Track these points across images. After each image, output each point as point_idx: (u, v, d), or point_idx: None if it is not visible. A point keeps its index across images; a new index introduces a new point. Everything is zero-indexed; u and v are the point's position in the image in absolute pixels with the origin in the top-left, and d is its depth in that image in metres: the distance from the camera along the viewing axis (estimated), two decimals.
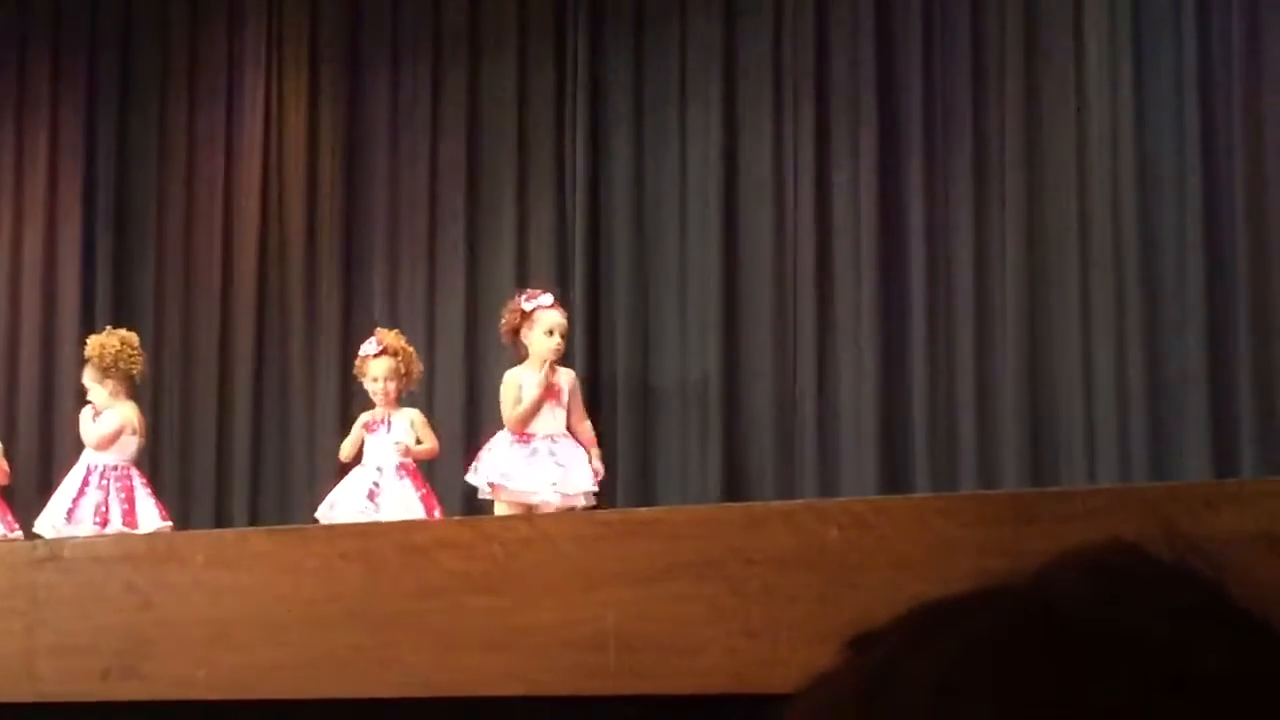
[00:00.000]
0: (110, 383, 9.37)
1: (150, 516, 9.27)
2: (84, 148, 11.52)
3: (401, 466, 8.96)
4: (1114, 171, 9.25)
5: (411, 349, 9.31)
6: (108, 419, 9.32)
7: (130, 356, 9.46)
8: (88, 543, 6.38)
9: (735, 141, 10.15)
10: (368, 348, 9.24)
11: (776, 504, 6.05)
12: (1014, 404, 9.26)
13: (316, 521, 8.73)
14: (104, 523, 9.08)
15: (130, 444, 9.36)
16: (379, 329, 9.45)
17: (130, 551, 5.20)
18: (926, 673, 0.70)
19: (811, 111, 9.96)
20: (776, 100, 10.08)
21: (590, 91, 10.47)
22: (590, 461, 8.75)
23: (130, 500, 9.25)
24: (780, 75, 10.09)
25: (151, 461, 10.89)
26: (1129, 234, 9.16)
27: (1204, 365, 8.89)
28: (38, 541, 7.00)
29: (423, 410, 9.49)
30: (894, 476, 9.42)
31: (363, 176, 11.04)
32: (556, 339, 8.89)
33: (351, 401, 10.10)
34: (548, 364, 8.79)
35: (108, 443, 9.25)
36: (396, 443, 8.97)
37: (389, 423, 9.04)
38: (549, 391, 8.78)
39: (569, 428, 8.86)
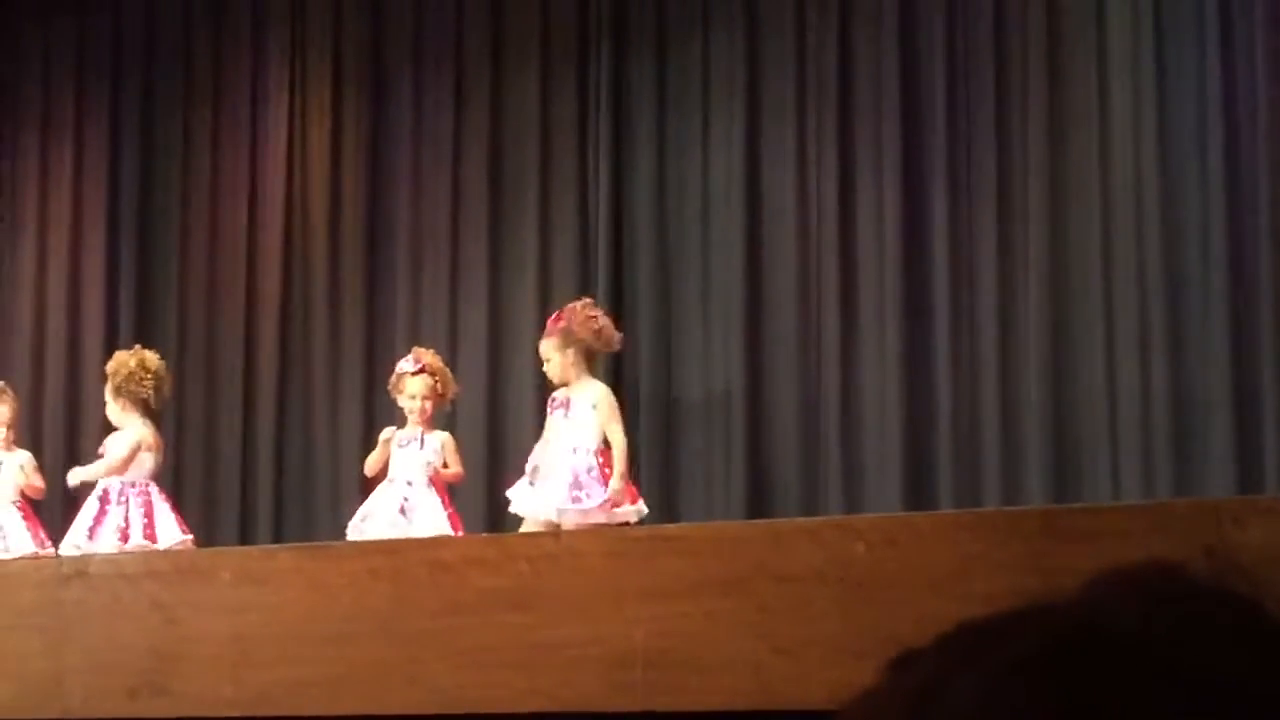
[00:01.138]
0: (122, 401, 9.39)
1: (170, 529, 9.28)
2: (108, 165, 11.55)
3: (432, 482, 8.97)
4: (1137, 186, 9.23)
5: (448, 370, 9.30)
6: (120, 441, 9.34)
7: (142, 379, 9.45)
8: (113, 560, 6.39)
9: (758, 154, 10.14)
10: (405, 365, 9.23)
11: (803, 520, 6.05)
12: (1038, 418, 9.24)
13: (344, 537, 8.73)
14: (124, 539, 9.09)
15: (146, 460, 9.37)
16: (417, 348, 9.43)
17: (156, 568, 5.21)
18: (971, 693, 0.70)
19: (834, 125, 9.95)
20: (799, 113, 10.08)
21: (613, 105, 10.47)
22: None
23: (150, 515, 9.26)
24: (803, 88, 10.09)
25: (175, 477, 10.91)
26: (1152, 248, 9.14)
27: (1228, 380, 8.87)
28: (64, 559, 7.02)
29: (445, 424, 9.49)
30: (918, 490, 9.40)
31: (386, 192, 11.05)
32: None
33: (375, 417, 10.10)
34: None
35: (124, 465, 9.28)
36: (428, 463, 8.98)
37: (421, 440, 9.05)
38: None
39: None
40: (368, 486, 9.27)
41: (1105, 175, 9.33)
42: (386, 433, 9.14)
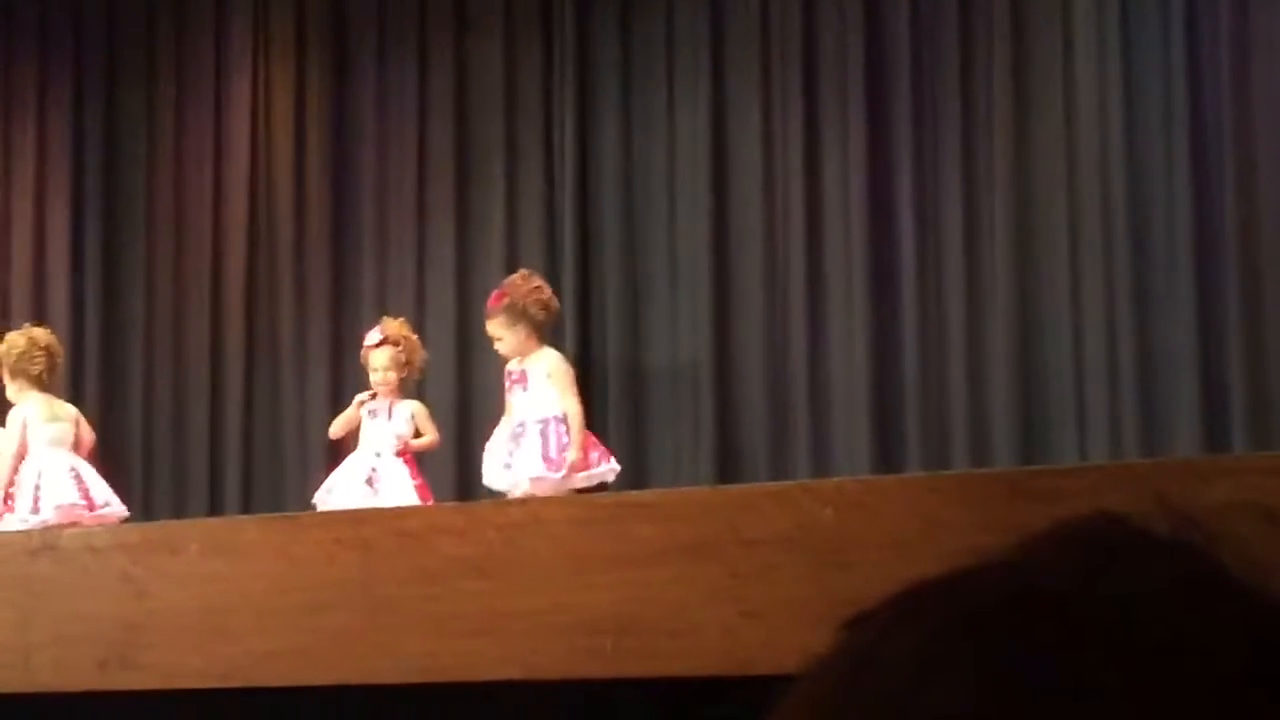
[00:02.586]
0: (19, 381, 9.32)
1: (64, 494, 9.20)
2: (71, 142, 11.50)
3: (400, 453, 8.96)
4: (1102, 149, 9.25)
5: (415, 337, 9.27)
6: (13, 420, 9.27)
7: (33, 357, 9.39)
8: (83, 533, 6.37)
9: (724, 122, 10.14)
10: (371, 337, 9.21)
11: (771, 485, 6.06)
12: (1005, 382, 9.26)
13: (313, 507, 8.72)
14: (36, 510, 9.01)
15: (47, 431, 9.28)
16: (384, 318, 9.41)
17: (125, 541, 5.20)
18: (908, 649, 0.70)
19: (800, 92, 9.95)
20: (764, 80, 10.07)
21: (578, 73, 10.46)
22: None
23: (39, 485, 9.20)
24: (768, 55, 10.08)
25: (144, 450, 10.89)
26: (1118, 212, 9.16)
27: (1194, 342, 8.89)
28: (33, 532, 6.99)
29: (413, 393, 9.47)
30: (886, 456, 9.42)
31: (350, 162, 11.03)
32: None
33: (343, 387, 10.09)
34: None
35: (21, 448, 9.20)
36: (397, 435, 8.96)
37: (390, 411, 9.04)
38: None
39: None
40: (336, 457, 9.26)
41: (1070, 140, 9.34)
42: (360, 397, 9.13)
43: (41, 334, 9.46)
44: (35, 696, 5.02)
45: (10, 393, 9.37)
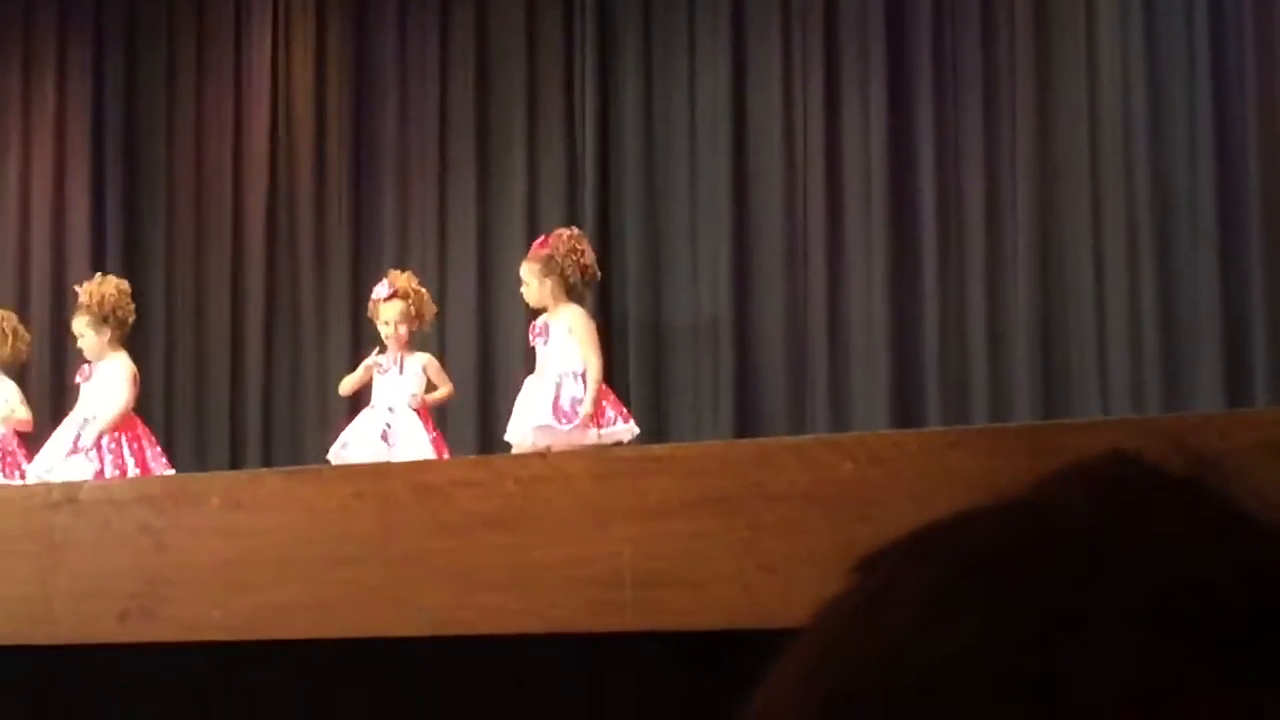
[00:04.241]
0: (107, 330, 9.34)
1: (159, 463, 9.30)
2: (92, 91, 11.51)
3: (414, 407, 8.97)
4: (1125, 101, 9.22)
5: (424, 290, 9.29)
6: (116, 375, 9.27)
7: (127, 305, 9.45)
8: (103, 486, 6.40)
9: (744, 81, 10.13)
10: (379, 291, 9.23)
11: (790, 439, 6.05)
12: (1026, 338, 9.25)
13: (329, 462, 8.74)
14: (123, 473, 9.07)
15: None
16: (391, 271, 9.43)
17: (146, 494, 5.21)
18: (919, 589, 0.70)
19: (820, 49, 9.93)
20: (785, 39, 10.06)
21: (598, 29, 10.44)
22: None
23: (142, 453, 9.26)
24: (789, 13, 10.07)
25: (165, 403, 10.92)
26: (1140, 165, 9.14)
27: (1217, 297, 8.88)
28: (53, 484, 7.01)
29: (435, 350, 9.49)
30: (906, 411, 9.42)
31: (371, 122, 11.03)
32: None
33: (362, 343, 10.11)
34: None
35: (132, 407, 9.26)
36: (413, 394, 8.97)
37: (401, 365, 9.04)
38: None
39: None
40: (354, 412, 9.28)
41: (1093, 98, 9.32)
42: (369, 359, 9.15)
43: (124, 283, 9.52)
44: (55, 649, 5.04)
45: (89, 343, 9.39)
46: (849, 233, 9.79)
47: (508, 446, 8.77)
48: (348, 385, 9.23)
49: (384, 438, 8.85)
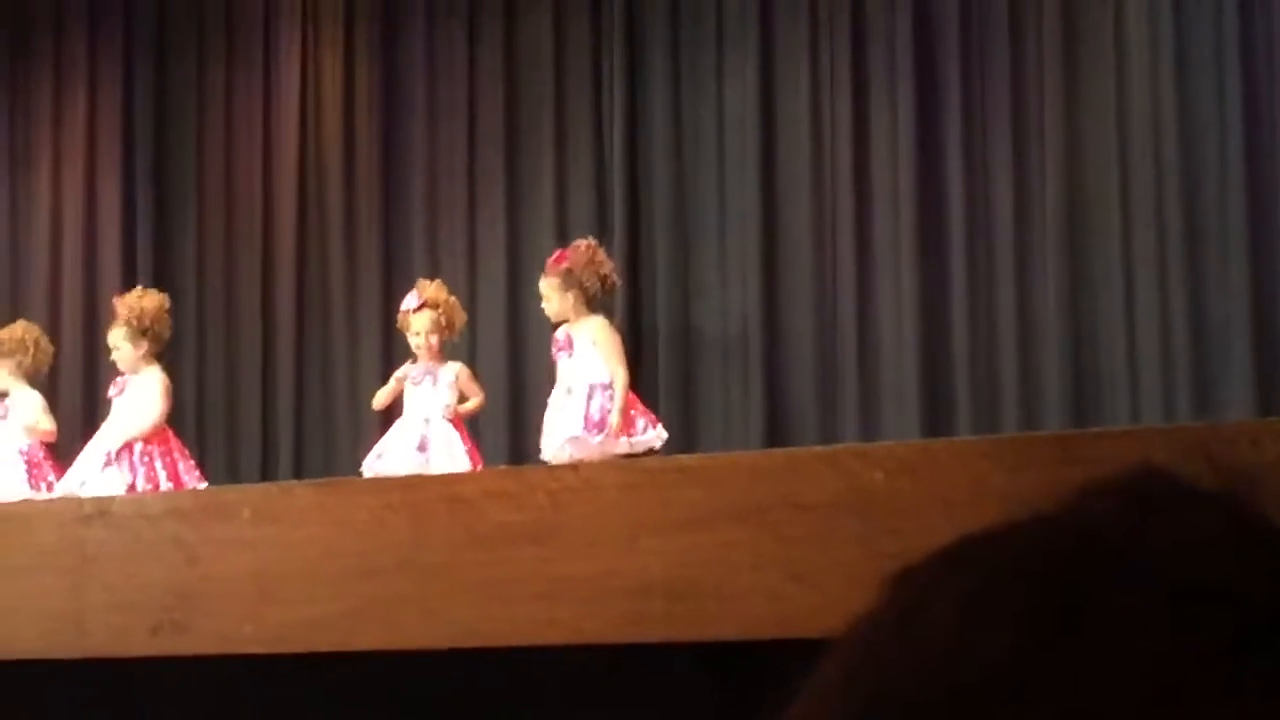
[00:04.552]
0: (144, 344, 9.37)
1: (192, 475, 9.32)
2: (122, 104, 11.54)
3: (450, 419, 8.97)
4: (1155, 110, 9.20)
5: (454, 300, 9.30)
6: (149, 388, 9.31)
7: (165, 320, 9.50)
8: (135, 499, 6.42)
9: (772, 84, 10.12)
10: (409, 301, 9.24)
11: (820, 449, 6.05)
12: (1056, 346, 9.23)
13: (362, 474, 8.74)
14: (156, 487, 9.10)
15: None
16: (420, 281, 9.45)
17: (178, 507, 5.23)
18: (955, 601, 0.70)
19: (848, 57, 9.92)
20: (813, 47, 10.05)
21: (627, 37, 10.44)
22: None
23: (174, 466, 9.29)
24: (816, 21, 10.05)
25: (196, 416, 10.93)
26: (1171, 172, 9.12)
27: (1247, 305, 8.85)
28: (86, 499, 7.03)
29: (466, 361, 9.49)
30: (935, 419, 9.41)
31: (400, 127, 11.04)
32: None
33: (394, 354, 10.12)
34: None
35: (165, 420, 9.30)
36: (446, 405, 8.97)
37: (434, 375, 9.05)
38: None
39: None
40: (386, 423, 9.29)
41: (1121, 100, 9.30)
42: (400, 372, 9.17)
43: (164, 297, 9.60)
44: (88, 662, 5.05)
45: (124, 356, 9.43)
46: (877, 240, 9.78)
47: (538, 456, 8.78)
48: (381, 399, 9.23)
49: (421, 449, 8.85)
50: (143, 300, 9.49)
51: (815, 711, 0.72)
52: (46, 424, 9.72)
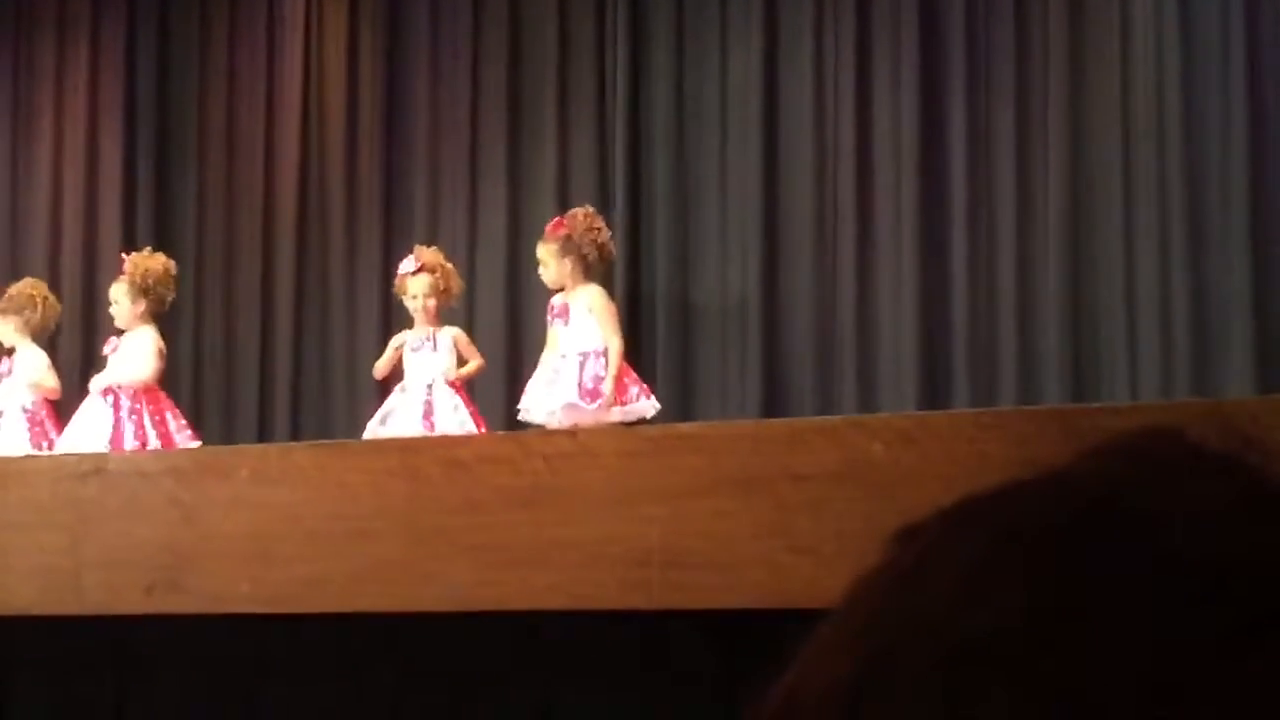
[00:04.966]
0: (143, 303, 9.40)
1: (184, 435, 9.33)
2: (124, 68, 11.51)
3: (450, 383, 8.97)
4: (1159, 87, 9.18)
5: (450, 265, 9.30)
6: (142, 346, 9.32)
7: (168, 282, 9.52)
8: (132, 458, 6.41)
9: (776, 59, 10.10)
10: (406, 265, 9.24)
11: (820, 419, 6.04)
12: (1056, 322, 9.22)
13: (361, 437, 8.74)
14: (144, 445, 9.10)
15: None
16: (417, 246, 9.44)
17: (174, 466, 5.22)
18: (957, 563, 0.70)
19: (852, 30, 9.90)
20: (817, 19, 10.02)
21: (631, 11, 10.42)
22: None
23: (164, 424, 9.29)
24: None
25: (194, 379, 10.92)
26: (1173, 150, 9.10)
27: (1248, 282, 8.84)
28: (82, 455, 7.02)
29: (464, 328, 9.49)
30: (934, 394, 9.39)
31: (403, 96, 11.01)
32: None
33: (392, 319, 10.10)
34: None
35: (156, 379, 9.32)
36: (446, 369, 8.97)
37: (434, 340, 9.04)
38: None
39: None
40: (384, 389, 9.28)
41: (1125, 77, 9.28)
42: (396, 339, 9.16)
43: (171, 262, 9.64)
44: (84, 619, 5.05)
45: (122, 313, 9.45)
46: (879, 214, 9.76)
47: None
48: (381, 367, 9.22)
49: (426, 415, 8.84)
50: (149, 260, 9.52)
51: (816, 666, 0.72)
52: (51, 381, 9.73)
